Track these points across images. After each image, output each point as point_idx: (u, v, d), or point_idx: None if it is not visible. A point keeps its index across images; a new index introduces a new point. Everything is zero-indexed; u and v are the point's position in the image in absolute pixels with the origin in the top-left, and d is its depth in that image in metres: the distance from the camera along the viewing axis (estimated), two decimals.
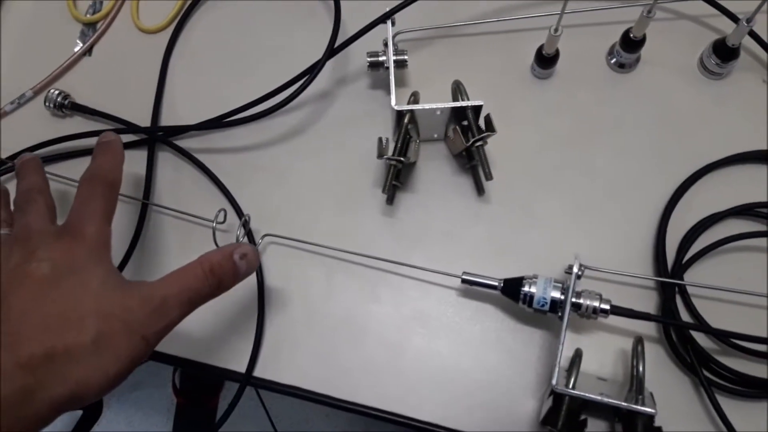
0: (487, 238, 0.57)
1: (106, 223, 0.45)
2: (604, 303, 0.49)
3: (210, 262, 0.44)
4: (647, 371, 0.48)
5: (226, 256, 0.44)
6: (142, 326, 0.40)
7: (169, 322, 0.41)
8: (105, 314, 0.39)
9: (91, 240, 0.43)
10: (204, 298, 0.43)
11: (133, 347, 0.40)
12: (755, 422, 0.50)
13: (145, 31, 0.68)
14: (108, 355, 0.39)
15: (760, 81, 0.60)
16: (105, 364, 0.39)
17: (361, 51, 0.60)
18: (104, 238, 0.44)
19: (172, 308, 0.42)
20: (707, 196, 0.56)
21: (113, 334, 0.39)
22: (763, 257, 0.55)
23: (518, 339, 0.54)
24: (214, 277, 0.43)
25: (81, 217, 0.45)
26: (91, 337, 0.38)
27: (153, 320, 0.41)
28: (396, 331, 0.55)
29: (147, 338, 0.40)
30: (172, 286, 0.42)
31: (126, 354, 0.39)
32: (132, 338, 0.40)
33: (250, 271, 0.46)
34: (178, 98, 0.65)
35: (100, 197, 0.46)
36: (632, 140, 0.59)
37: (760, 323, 0.52)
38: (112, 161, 0.49)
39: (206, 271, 0.43)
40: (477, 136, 0.53)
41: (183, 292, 0.42)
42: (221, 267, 0.44)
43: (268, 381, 0.55)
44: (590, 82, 0.61)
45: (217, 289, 0.44)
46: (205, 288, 0.43)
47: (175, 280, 0.43)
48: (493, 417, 0.52)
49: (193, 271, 0.43)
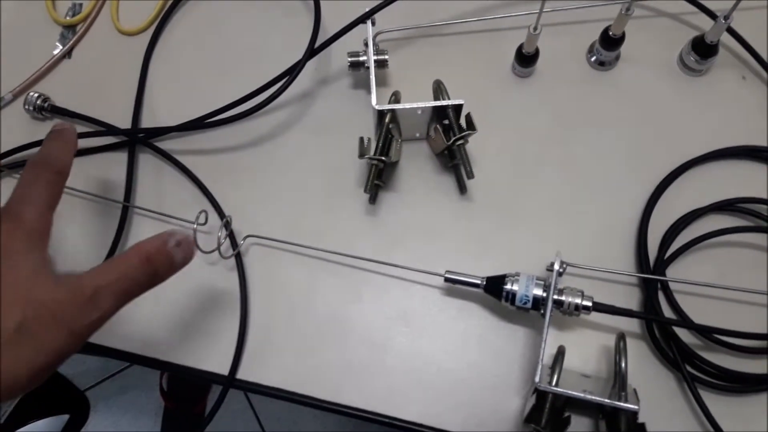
0: (470, 236, 0.57)
1: (47, 209, 0.43)
2: (586, 300, 0.49)
3: (145, 250, 0.41)
4: (630, 367, 0.49)
5: (162, 243, 0.42)
6: (72, 318, 0.38)
7: (101, 314, 0.39)
8: (33, 303, 0.37)
9: (29, 225, 0.41)
10: (140, 288, 0.41)
11: (60, 340, 0.38)
12: (738, 417, 0.50)
13: (125, 33, 0.68)
14: (31, 347, 0.37)
15: (739, 77, 0.61)
16: (27, 356, 0.36)
17: (343, 51, 0.60)
18: (43, 225, 0.42)
19: (105, 299, 0.39)
20: (688, 192, 0.57)
21: (40, 324, 0.37)
22: (745, 252, 0.55)
23: (502, 337, 0.54)
24: (150, 266, 0.41)
25: (21, 201, 0.42)
26: (15, 325, 0.36)
27: (84, 312, 0.38)
28: (379, 330, 0.55)
29: (76, 331, 0.38)
30: (105, 276, 0.40)
31: (51, 347, 0.37)
32: (59, 330, 0.38)
33: (186, 260, 0.44)
34: (159, 100, 0.65)
35: (44, 183, 0.44)
36: (613, 137, 0.59)
37: (743, 318, 0.52)
38: (61, 148, 0.47)
39: (142, 259, 0.41)
40: (458, 135, 0.53)
41: (117, 281, 0.40)
42: (157, 255, 0.42)
43: (251, 383, 0.55)
44: (570, 81, 0.61)
45: (153, 278, 0.42)
46: (140, 278, 0.41)
47: (109, 269, 0.40)
48: (477, 415, 0.52)
49: (127, 261, 0.41)
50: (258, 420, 1.52)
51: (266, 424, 1.52)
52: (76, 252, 0.59)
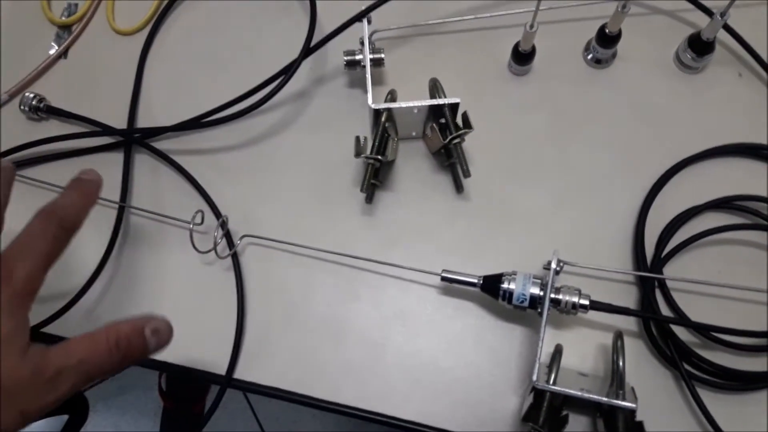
0: (467, 235, 0.57)
1: (42, 268, 0.40)
2: (584, 298, 0.49)
3: (117, 334, 0.40)
4: (628, 366, 0.48)
5: (137, 331, 0.40)
6: (25, 400, 0.36)
7: (58, 396, 0.37)
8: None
9: (17, 285, 0.38)
10: (103, 372, 0.39)
11: (5, 422, 0.36)
12: (736, 415, 0.50)
13: (120, 33, 0.68)
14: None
15: (736, 74, 0.60)
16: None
17: (339, 50, 0.59)
18: (32, 286, 0.39)
19: (65, 381, 0.38)
20: (685, 190, 0.56)
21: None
22: (742, 250, 0.55)
23: (499, 336, 0.54)
24: (119, 352, 0.39)
25: (18, 253, 0.40)
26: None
27: (40, 394, 0.37)
28: (376, 330, 0.55)
29: (27, 413, 0.37)
30: (71, 356, 0.38)
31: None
32: (9, 411, 0.36)
33: (160, 347, 0.42)
34: (155, 100, 0.65)
35: (50, 238, 0.41)
36: (610, 135, 0.59)
37: (740, 316, 0.52)
38: (79, 203, 0.44)
39: (111, 344, 0.39)
40: (454, 134, 0.53)
41: (82, 364, 0.38)
42: (129, 341, 0.40)
43: (249, 383, 0.55)
44: (567, 78, 0.61)
45: (119, 364, 0.40)
46: (106, 363, 0.39)
47: (76, 349, 0.39)
48: (475, 414, 0.52)
49: (96, 343, 0.39)
50: (257, 419, 1.51)
51: (265, 423, 1.52)
52: (72, 253, 0.59)
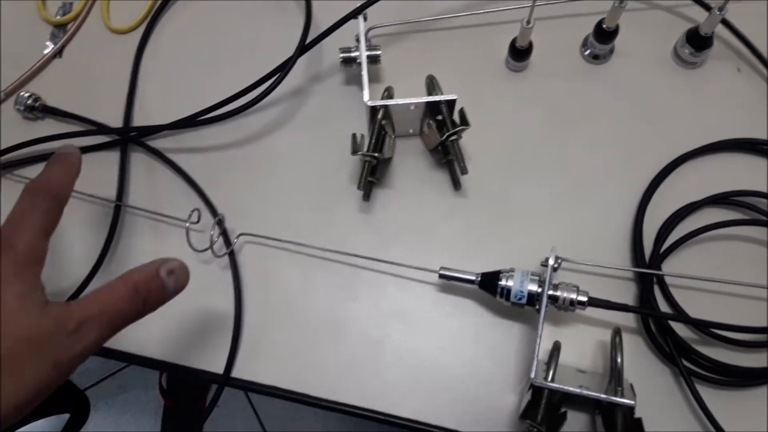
0: (465, 232, 0.57)
1: (41, 237, 0.41)
2: (582, 295, 0.49)
3: (134, 279, 0.40)
4: (627, 362, 0.48)
5: (152, 274, 0.41)
6: (55, 351, 0.37)
7: (86, 346, 0.38)
8: (15, 335, 0.36)
9: (21, 253, 0.39)
10: (127, 319, 0.40)
11: (43, 373, 0.36)
12: (735, 411, 0.50)
13: (115, 32, 0.67)
14: (12, 381, 0.35)
15: (734, 69, 0.60)
16: (8, 389, 0.35)
17: (335, 47, 0.59)
18: (36, 254, 0.40)
19: (90, 331, 0.38)
20: (683, 186, 0.56)
21: (21, 357, 0.35)
22: (741, 245, 0.55)
23: (497, 333, 0.54)
24: (138, 296, 0.40)
25: (14, 227, 0.41)
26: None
27: (67, 345, 0.37)
28: (375, 327, 0.55)
29: (59, 364, 0.37)
30: (91, 306, 0.39)
31: (34, 380, 0.36)
32: (42, 363, 0.36)
33: (179, 289, 0.42)
34: (151, 98, 0.64)
35: (40, 210, 0.42)
36: (608, 131, 0.59)
37: (739, 312, 0.52)
38: (62, 173, 0.45)
39: (130, 290, 0.40)
40: (451, 131, 0.52)
41: (103, 314, 0.39)
42: (146, 285, 0.40)
43: (247, 381, 0.54)
44: (565, 74, 0.61)
45: (142, 309, 0.40)
46: (128, 309, 0.40)
47: (96, 300, 0.39)
48: (473, 412, 0.52)
49: (115, 291, 0.40)
50: (258, 418, 1.51)
51: (266, 421, 1.52)
52: (69, 252, 0.59)
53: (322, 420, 1.49)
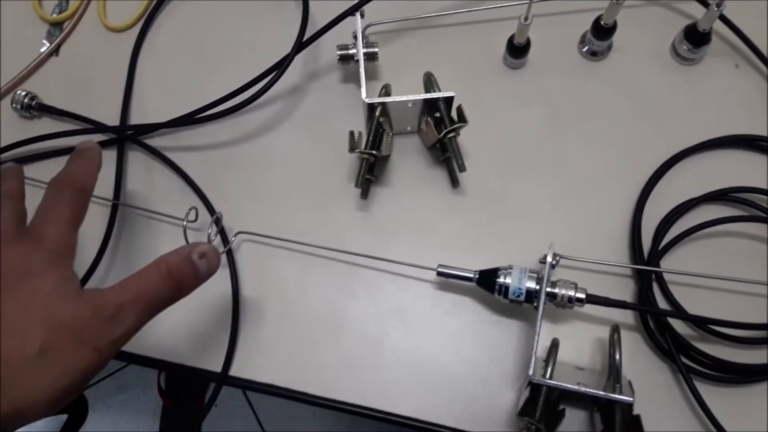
0: (463, 230, 0.57)
1: (71, 228, 0.42)
2: (580, 292, 0.49)
3: (168, 264, 0.41)
4: (625, 359, 0.48)
5: (185, 257, 0.42)
6: (95, 336, 0.37)
7: (124, 331, 0.38)
8: (53, 323, 0.36)
9: (51, 244, 0.40)
10: (164, 303, 0.41)
11: (84, 359, 0.37)
12: (733, 407, 0.50)
13: (112, 30, 0.67)
14: (55, 369, 0.36)
15: (732, 66, 0.60)
16: (51, 377, 0.36)
17: (332, 45, 0.59)
18: (66, 244, 0.41)
19: (128, 316, 0.39)
20: (682, 183, 0.56)
21: (61, 345, 0.36)
22: (739, 242, 0.55)
23: (496, 331, 0.54)
24: (172, 280, 0.41)
25: (43, 220, 0.42)
26: (36, 349, 0.35)
27: (106, 330, 0.38)
28: (373, 326, 0.54)
29: (100, 349, 0.37)
30: (127, 291, 0.39)
31: (76, 366, 0.36)
32: (83, 349, 0.37)
33: (211, 272, 0.43)
34: (148, 97, 0.64)
35: (67, 201, 0.43)
36: (606, 128, 0.59)
37: (738, 309, 0.52)
38: (84, 166, 0.46)
39: (164, 274, 0.40)
40: (449, 128, 0.52)
41: (140, 297, 0.39)
42: (180, 269, 0.41)
43: (245, 380, 0.54)
44: (563, 71, 0.61)
45: (177, 292, 0.41)
46: (163, 292, 0.40)
47: (131, 285, 0.40)
48: (472, 410, 0.52)
49: (149, 275, 0.40)
50: (256, 417, 1.51)
51: (265, 421, 1.52)
52: None
53: (320, 419, 1.49)
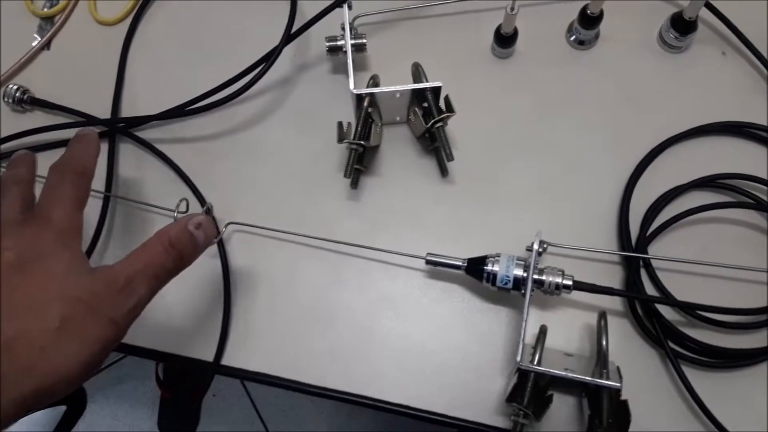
0: (452, 218, 0.57)
1: (75, 208, 0.44)
2: (567, 279, 0.49)
3: (168, 235, 0.43)
4: (614, 346, 0.49)
5: (182, 228, 0.44)
6: (110, 308, 0.39)
7: (137, 301, 0.40)
8: (70, 299, 0.38)
9: (59, 225, 0.42)
10: (169, 272, 0.43)
11: (102, 330, 0.39)
12: (721, 392, 0.50)
13: (103, 24, 0.67)
14: (76, 342, 0.37)
15: (719, 53, 0.60)
16: (74, 350, 0.37)
17: (322, 37, 0.59)
18: (73, 224, 0.43)
19: (139, 286, 0.41)
20: (669, 170, 0.57)
21: (79, 319, 0.38)
22: (727, 228, 0.55)
23: (485, 318, 0.54)
24: (174, 250, 0.43)
25: (48, 202, 0.43)
26: (56, 324, 0.37)
27: (120, 301, 0.40)
28: (363, 314, 0.55)
29: (116, 320, 0.39)
30: (135, 264, 0.41)
31: (95, 338, 0.38)
32: (100, 321, 0.38)
33: (208, 241, 0.46)
34: (139, 90, 0.64)
35: (69, 183, 0.44)
36: (593, 116, 0.59)
37: (725, 294, 0.52)
38: (83, 150, 0.48)
39: (165, 245, 0.43)
40: (436, 118, 0.53)
41: (147, 268, 0.41)
42: (179, 239, 0.43)
43: (237, 369, 0.55)
44: (550, 60, 0.61)
45: (180, 262, 0.44)
46: (168, 262, 0.43)
47: (138, 257, 0.42)
48: (461, 396, 0.52)
49: (153, 248, 0.43)
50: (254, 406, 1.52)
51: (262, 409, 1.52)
52: None
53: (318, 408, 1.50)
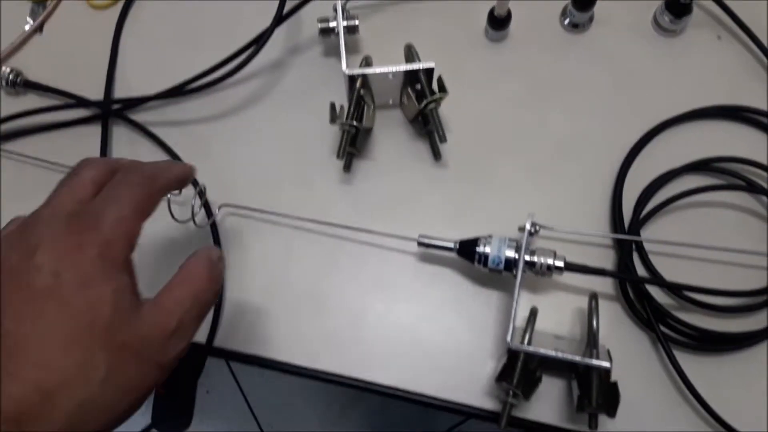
0: (445, 202, 0.57)
1: (134, 216, 0.36)
2: (558, 260, 0.49)
3: (206, 268, 0.38)
4: (605, 329, 0.49)
5: (215, 260, 0.39)
6: (158, 354, 0.35)
7: (186, 345, 0.36)
8: (117, 346, 0.33)
9: (108, 232, 0.35)
10: (209, 307, 0.39)
11: (148, 377, 0.35)
12: (712, 376, 0.50)
13: (95, 8, 0.67)
14: (119, 392, 0.33)
15: (714, 37, 0.60)
16: (114, 402, 0.33)
17: (314, 18, 0.59)
18: (125, 235, 0.36)
19: (188, 328, 0.36)
20: (664, 154, 0.56)
21: (125, 368, 0.33)
22: (720, 212, 0.55)
23: (477, 301, 0.54)
24: (216, 284, 0.39)
25: (102, 201, 0.37)
26: (101, 376, 0.32)
27: (170, 346, 0.35)
28: (355, 298, 0.55)
29: (163, 365, 0.35)
30: (184, 303, 0.36)
31: (140, 386, 0.34)
32: (145, 367, 0.35)
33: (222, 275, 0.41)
34: (131, 73, 0.64)
35: (136, 185, 0.38)
36: (588, 99, 0.59)
37: (718, 277, 0.52)
38: (168, 164, 0.42)
39: (205, 280, 0.38)
40: (429, 99, 0.52)
41: (194, 307, 0.37)
42: (215, 271, 0.39)
43: (229, 351, 0.55)
44: (544, 43, 0.61)
45: (215, 295, 0.39)
46: (211, 299, 0.38)
47: (185, 292, 0.37)
48: (453, 379, 0.52)
49: (197, 279, 0.38)
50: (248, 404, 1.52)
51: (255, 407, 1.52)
52: None
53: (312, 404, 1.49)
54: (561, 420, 0.51)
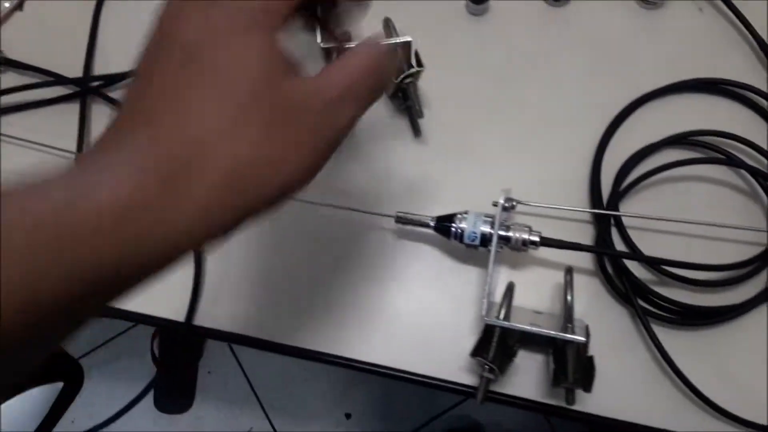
0: (425, 178, 0.57)
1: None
2: (534, 235, 0.49)
3: (377, 50, 0.33)
4: (584, 304, 0.49)
5: (386, 49, 0.34)
6: (313, 123, 0.31)
7: (348, 121, 0.33)
8: (268, 106, 0.30)
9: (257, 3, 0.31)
10: (373, 99, 0.34)
11: (315, 138, 0.31)
12: (690, 350, 0.50)
13: None
14: (277, 150, 0.30)
15: (696, 10, 0.59)
16: (275, 160, 0.30)
17: None
18: (275, 5, 0.31)
19: (350, 103, 0.32)
20: (644, 127, 0.56)
21: (284, 128, 0.30)
22: (699, 185, 0.55)
23: (456, 278, 0.54)
24: (383, 74, 0.34)
25: None
26: (255, 132, 0.29)
27: (331, 116, 0.32)
28: (334, 275, 0.55)
29: (325, 133, 0.32)
30: (348, 75, 0.32)
31: (306, 148, 0.31)
32: (312, 128, 0.31)
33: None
34: (111, 51, 0.64)
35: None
36: (568, 73, 0.58)
37: (697, 251, 0.52)
38: None
39: (372, 64, 0.33)
40: (406, 73, 0.52)
41: (358, 84, 0.33)
42: (386, 58, 0.34)
43: (208, 329, 0.55)
44: (525, 17, 0.60)
45: (380, 92, 0.35)
46: (378, 84, 0.34)
47: (348, 69, 0.33)
48: (432, 356, 0.52)
49: (362, 63, 0.33)
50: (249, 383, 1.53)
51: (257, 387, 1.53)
52: None
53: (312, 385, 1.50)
54: (540, 395, 0.51)
